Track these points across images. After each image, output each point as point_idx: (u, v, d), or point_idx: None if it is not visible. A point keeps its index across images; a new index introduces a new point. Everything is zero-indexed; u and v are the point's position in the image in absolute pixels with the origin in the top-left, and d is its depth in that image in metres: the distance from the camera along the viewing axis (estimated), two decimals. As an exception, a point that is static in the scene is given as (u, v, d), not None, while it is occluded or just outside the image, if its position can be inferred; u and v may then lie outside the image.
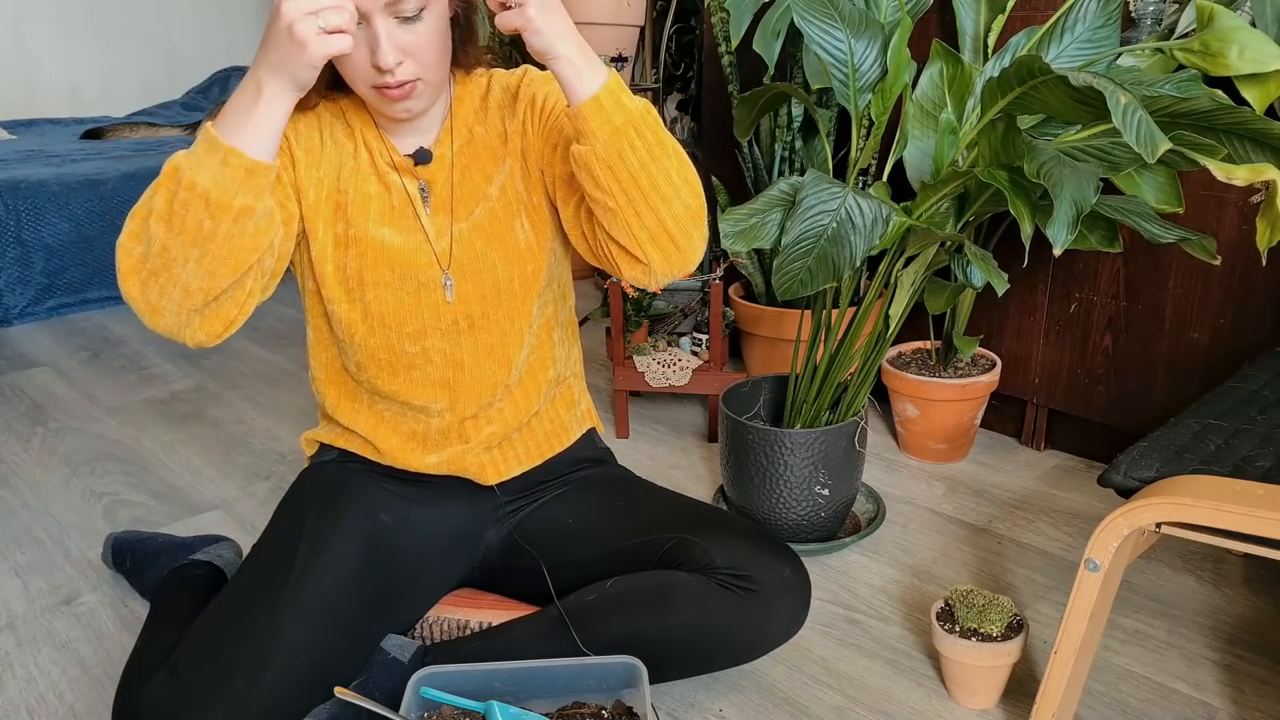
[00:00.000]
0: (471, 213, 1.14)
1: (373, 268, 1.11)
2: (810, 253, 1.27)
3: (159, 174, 0.95)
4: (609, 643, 1.11)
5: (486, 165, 1.15)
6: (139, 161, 3.17)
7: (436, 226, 1.13)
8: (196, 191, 0.91)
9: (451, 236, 1.13)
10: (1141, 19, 1.51)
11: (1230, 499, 0.88)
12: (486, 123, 1.16)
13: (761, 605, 1.11)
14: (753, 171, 2.00)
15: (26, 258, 2.81)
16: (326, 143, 1.12)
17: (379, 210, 1.12)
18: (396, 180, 1.12)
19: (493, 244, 1.14)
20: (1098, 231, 1.43)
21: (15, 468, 1.89)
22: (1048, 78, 1.06)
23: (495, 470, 1.23)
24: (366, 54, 0.98)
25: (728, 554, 1.12)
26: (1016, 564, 1.50)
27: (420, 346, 1.15)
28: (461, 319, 1.15)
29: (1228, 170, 1.00)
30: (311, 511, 1.12)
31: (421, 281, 1.12)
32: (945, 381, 1.76)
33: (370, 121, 1.12)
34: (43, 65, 4.18)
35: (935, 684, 1.23)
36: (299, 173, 1.09)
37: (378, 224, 1.12)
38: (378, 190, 1.12)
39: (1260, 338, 1.54)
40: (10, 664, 1.30)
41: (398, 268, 1.12)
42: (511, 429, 1.22)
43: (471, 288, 1.14)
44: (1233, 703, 1.19)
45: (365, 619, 1.10)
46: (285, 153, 1.09)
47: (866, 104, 1.37)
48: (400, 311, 1.13)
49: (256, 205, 0.94)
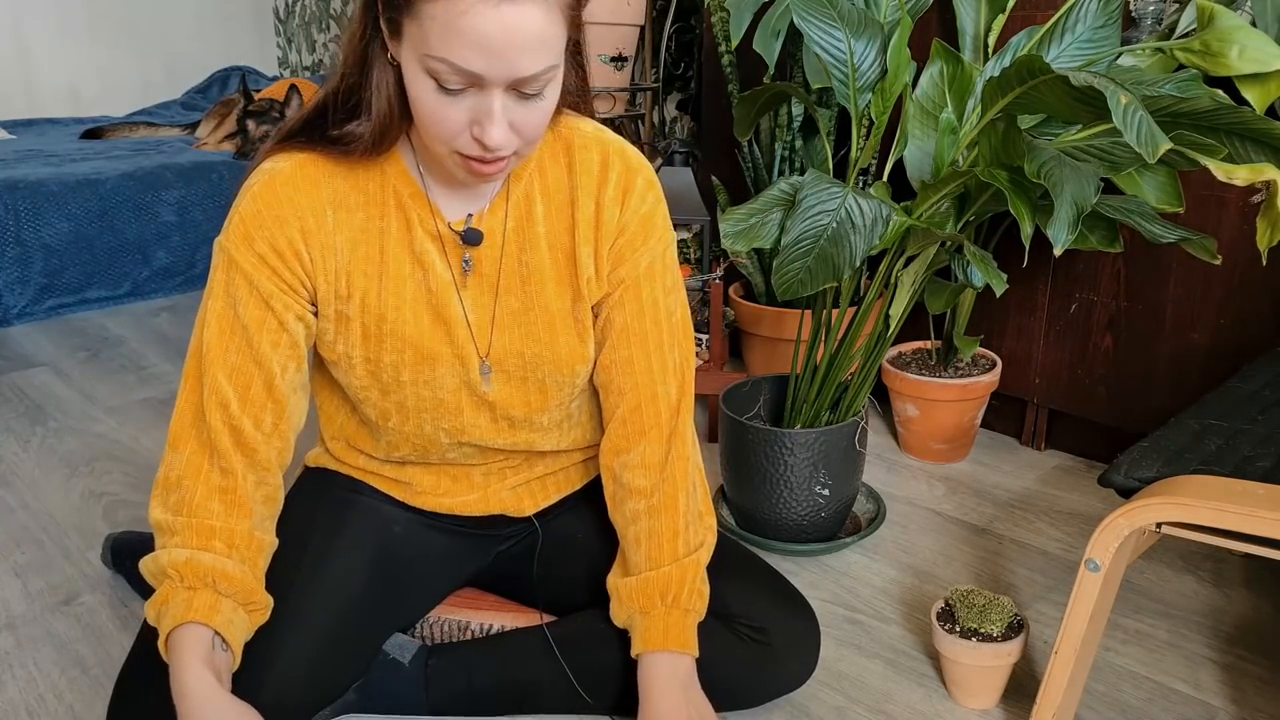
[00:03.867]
0: (515, 296, 1.02)
1: (412, 366, 1.01)
2: (810, 252, 1.27)
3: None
4: (611, 672, 1.09)
5: (541, 251, 1.01)
6: (138, 161, 3.16)
7: (475, 306, 1.01)
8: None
9: (493, 320, 1.02)
10: (1142, 19, 1.51)
11: (1231, 499, 0.88)
12: (549, 196, 1.01)
13: (773, 658, 1.10)
14: (752, 171, 2.00)
15: (25, 258, 2.81)
16: (339, 213, 0.97)
17: (414, 298, 0.99)
18: (434, 257, 0.99)
19: (535, 336, 1.03)
20: (1098, 231, 1.43)
21: (14, 468, 1.88)
22: (1048, 77, 1.06)
23: (533, 501, 1.18)
24: (467, 122, 0.85)
25: (744, 603, 1.11)
26: (1017, 564, 1.50)
27: (457, 437, 1.07)
28: (500, 409, 1.06)
29: (1228, 170, 1.00)
30: (317, 523, 1.09)
31: (461, 376, 1.03)
32: (946, 381, 1.76)
33: (411, 179, 0.98)
34: (42, 65, 4.18)
35: (935, 684, 1.23)
36: (317, 284, 0.98)
37: (414, 314, 0.99)
38: (411, 271, 0.99)
39: (1261, 338, 1.54)
40: (10, 664, 1.30)
41: (436, 365, 1.01)
42: (554, 468, 1.18)
43: (514, 388, 1.04)
44: (1233, 703, 1.19)
45: (369, 631, 1.09)
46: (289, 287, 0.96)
47: (866, 104, 1.37)
48: (439, 409, 1.04)
49: None
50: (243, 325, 0.96)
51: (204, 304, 0.98)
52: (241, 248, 0.95)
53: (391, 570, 1.11)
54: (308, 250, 0.97)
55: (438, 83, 0.83)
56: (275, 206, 0.95)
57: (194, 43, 4.57)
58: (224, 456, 0.96)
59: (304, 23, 4.58)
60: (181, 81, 4.55)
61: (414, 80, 0.85)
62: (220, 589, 0.92)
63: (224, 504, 0.96)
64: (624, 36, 2.49)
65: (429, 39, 0.80)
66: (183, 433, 0.98)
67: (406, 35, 0.83)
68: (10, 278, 2.79)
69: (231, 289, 0.96)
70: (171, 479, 0.97)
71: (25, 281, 2.82)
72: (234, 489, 0.96)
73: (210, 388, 0.96)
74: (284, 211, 0.95)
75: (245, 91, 3.58)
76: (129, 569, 1.44)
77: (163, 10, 4.44)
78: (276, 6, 4.72)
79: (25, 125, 3.99)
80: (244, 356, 0.96)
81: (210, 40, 4.61)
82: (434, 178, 0.99)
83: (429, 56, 0.81)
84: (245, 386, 0.96)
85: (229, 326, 0.96)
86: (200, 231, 3.11)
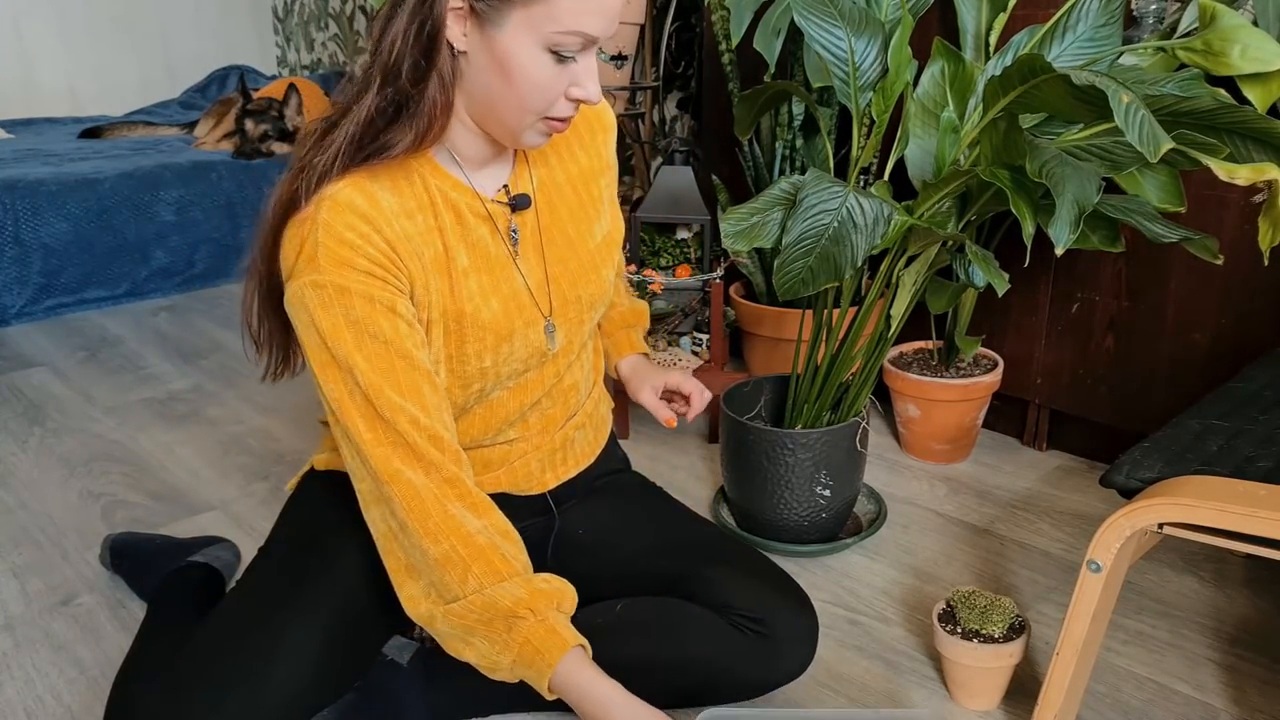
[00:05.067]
0: (558, 246, 1.11)
1: (493, 350, 1.05)
2: (811, 252, 1.27)
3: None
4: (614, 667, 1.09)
5: (569, 199, 1.13)
6: (137, 161, 3.16)
7: (531, 270, 1.09)
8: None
9: (547, 278, 1.09)
10: (1143, 18, 1.51)
11: (1232, 500, 0.87)
12: (554, 146, 1.12)
13: (772, 649, 1.10)
14: (753, 170, 2.00)
15: (24, 257, 2.80)
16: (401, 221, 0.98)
17: (480, 285, 1.03)
18: (488, 240, 1.05)
19: (583, 280, 1.13)
20: (1099, 231, 1.42)
21: (12, 468, 1.88)
22: (1049, 76, 1.05)
23: (554, 473, 1.21)
24: (565, 86, 0.94)
25: (743, 595, 1.11)
26: (1018, 565, 1.50)
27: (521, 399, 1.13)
28: (564, 364, 1.14)
29: (1230, 170, 1.00)
30: (324, 522, 1.10)
31: (532, 342, 1.08)
32: (947, 382, 1.75)
33: (448, 173, 1.02)
34: (40, 64, 4.17)
35: (937, 685, 1.23)
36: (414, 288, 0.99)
37: (484, 300, 1.03)
38: (473, 261, 1.03)
39: (1262, 338, 1.53)
40: (8, 665, 1.30)
41: (513, 339, 1.06)
42: (572, 432, 1.21)
43: (572, 330, 1.13)
44: (1234, 704, 1.19)
45: (371, 634, 1.09)
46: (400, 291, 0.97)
47: (867, 102, 1.37)
48: (512, 378, 1.10)
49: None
50: (385, 342, 0.95)
51: (326, 353, 0.95)
52: (345, 272, 0.93)
53: None
54: (398, 254, 0.97)
55: (557, 55, 0.91)
56: (355, 225, 0.94)
57: (192, 42, 4.56)
58: (440, 467, 0.97)
59: (303, 22, 4.58)
60: (180, 81, 4.54)
61: (526, 59, 0.91)
62: (564, 607, 1.00)
63: (473, 513, 0.99)
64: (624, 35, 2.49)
65: (561, 17, 0.89)
66: (394, 476, 0.96)
67: (513, 21, 0.89)
68: (9, 277, 2.79)
69: (354, 316, 0.94)
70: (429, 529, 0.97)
71: (24, 281, 2.82)
72: (469, 492, 0.99)
73: (392, 412, 0.95)
74: (364, 228, 0.94)
75: (244, 90, 3.58)
76: (127, 569, 1.44)
77: (161, 9, 4.44)
78: (275, 5, 4.72)
79: (24, 124, 3.99)
80: (403, 371, 0.96)
81: (209, 39, 4.61)
82: (468, 164, 1.03)
83: (559, 32, 0.89)
84: (419, 394, 0.96)
85: (377, 353, 0.94)
86: (199, 231, 3.11)
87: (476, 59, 0.93)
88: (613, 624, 1.10)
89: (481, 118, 0.98)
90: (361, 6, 4.15)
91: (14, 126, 3.93)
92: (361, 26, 4.22)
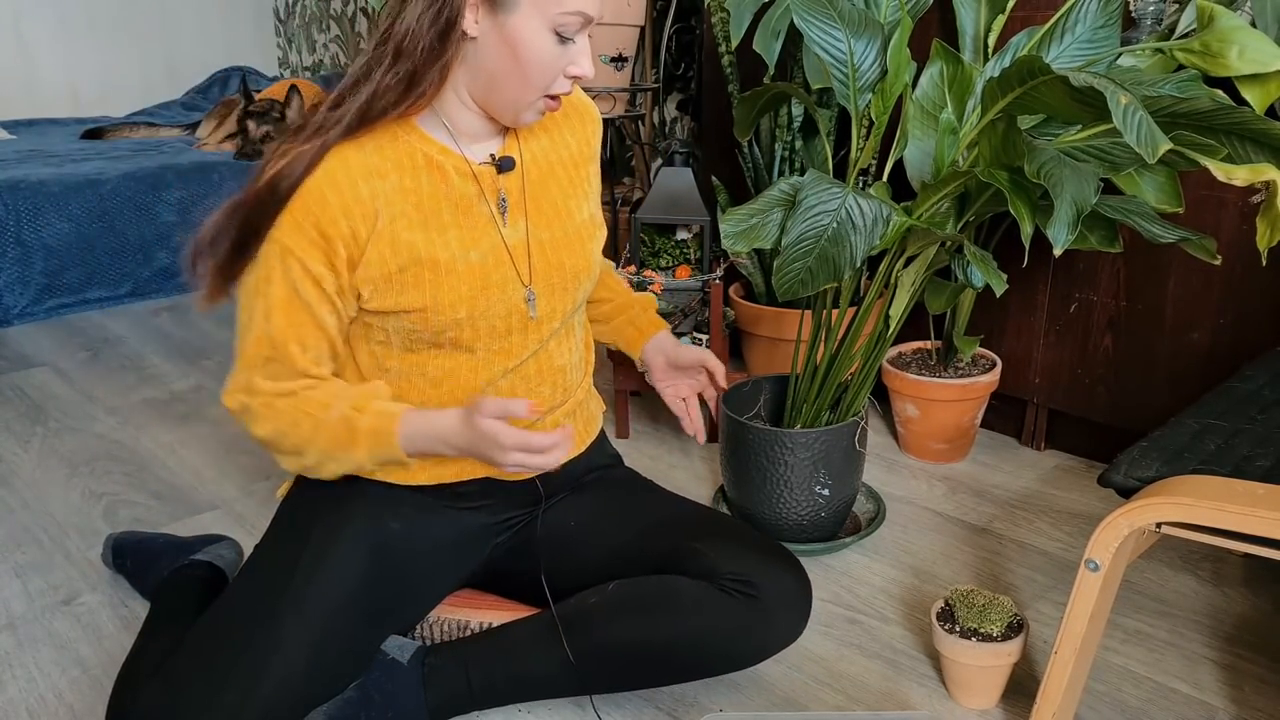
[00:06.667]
0: (545, 215, 1.15)
1: (468, 301, 1.09)
2: (811, 253, 1.27)
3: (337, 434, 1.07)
4: (609, 647, 1.10)
5: (559, 175, 1.17)
6: (139, 161, 3.16)
7: (514, 235, 1.13)
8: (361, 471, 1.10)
9: (528, 245, 1.13)
10: (1142, 19, 1.51)
11: (1230, 499, 0.88)
12: (544, 125, 1.17)
13: (763, 612, 1.10)
14: (753, 171, 2.00)
15: (26, 258, 2.81)
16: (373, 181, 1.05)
17: (459, 239, 1.09)
18: (474, 199, 1.10)
19: (566, 248, 1.16)
20: (1098, 231, 1.43)
21: (15, 468, 1.88)
22: (1048, 78, 1.06)
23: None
24: (564, 65, 1.03)
25: (731, 560, 1.12)
26: (1017, 564, 1.50)
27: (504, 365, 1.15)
28: (547, 332, 1.16)
29: (1228, 170, 1.00)
30: (317, 518, 1.11)
31: (511, 303, 1.12)
32: (946, 381, 1.76)
33: (436, 140, 1.08)
34: (42, 65, 4.18)
35: (935, 684, 1.23)
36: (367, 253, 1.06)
37: (463, 252, 1.08)
38: (454, 218, 1.09)
39: (1260, 338, 1.54)
40: (10, 664, 1.30)
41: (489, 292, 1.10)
42: (562, 419, 1.22)
43: (555, 300, 1.16)
44: (1233, 702, 1.19)
45: (367, 628, 1.10)
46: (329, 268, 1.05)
47: (866, 104, 1.37)
48: (491, 336, 1.13)
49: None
50: (305, 302, 1.05)
51: (257, 295, 1.06)
52: (296, 236, 1.03)
53: (390, 566, 1.12)
54: (352, 218, 1.04)
55: (560, 36, 1.01)
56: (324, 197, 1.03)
57: (194, 43, 4.57)
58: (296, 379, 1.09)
59: (304, 23, 4.58)
60: (182, 82, 4.55)
61: (534, 40, 1.00)
62: (381, 394, 1.10)
63: (320, 387, 1.10)
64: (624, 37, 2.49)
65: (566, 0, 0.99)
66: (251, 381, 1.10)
67: (525, 5, 0.99)
68: (11, 278, 2.79)
69: (291, 275, 1.04)
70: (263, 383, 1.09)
71: (26, 281, 2.82)
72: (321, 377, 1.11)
73: (282, 350, 1.07)
74: (331, 197, 1.03)
75: (246, 92, 3.58)
76: (129, 568, 1.44)
77: (163, 10, 4.44)
78: (277, 7, 4.73)
79: (26, 125, 3.99)
80: (310, 329, 1.07)
81: (211, 40, 4.61)
82: (461, 136, 1.10)
83: (564, 13, 0.99)
84: (316, 348, 1.09)
85: (295, 306, 1.06)
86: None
87: (485, 41, 1.01)
88: (605, 602, 1.12)
89: (483, 96, 1.06)
90: (363, 8, 4.15)
91: (16, 127, 3.93)
92: (363, 28, 4.23)
